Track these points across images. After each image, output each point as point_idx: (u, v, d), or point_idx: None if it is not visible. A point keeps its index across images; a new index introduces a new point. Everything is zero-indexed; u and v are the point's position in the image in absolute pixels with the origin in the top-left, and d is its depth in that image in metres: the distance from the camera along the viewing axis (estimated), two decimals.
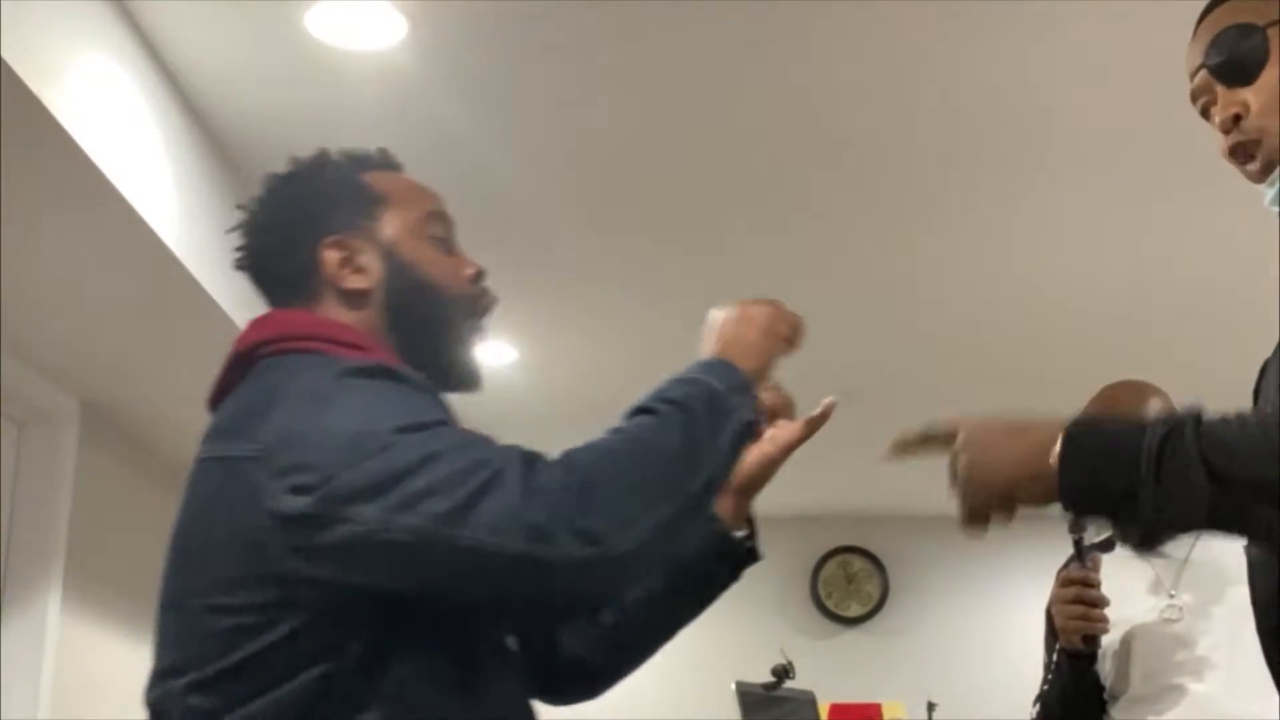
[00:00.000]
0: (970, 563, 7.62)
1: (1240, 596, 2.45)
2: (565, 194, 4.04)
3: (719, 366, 1.50)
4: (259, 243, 1.64)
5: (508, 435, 1.42)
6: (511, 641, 1.55)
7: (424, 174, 1.82)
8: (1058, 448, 1.37)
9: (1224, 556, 2.52)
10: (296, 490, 1.36)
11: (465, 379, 1.63)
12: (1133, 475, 1.32)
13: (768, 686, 5.00)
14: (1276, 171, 1.50)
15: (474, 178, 3.70)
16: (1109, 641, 2.53)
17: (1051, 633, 2.64)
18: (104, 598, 4.45)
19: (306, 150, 1.69)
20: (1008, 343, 5.00)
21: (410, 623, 1.40)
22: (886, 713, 6.72)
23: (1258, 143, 1.50)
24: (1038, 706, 2.64)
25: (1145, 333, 4.97)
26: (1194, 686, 2.50)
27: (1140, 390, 2.66)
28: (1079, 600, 2.45)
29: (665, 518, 1.36)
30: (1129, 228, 4.33)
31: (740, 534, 1.73)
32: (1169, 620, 2.56)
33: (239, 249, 1.65)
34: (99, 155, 2.95)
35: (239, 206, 1.66)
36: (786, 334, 1.59)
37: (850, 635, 7.44)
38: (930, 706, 6.01)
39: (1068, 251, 4.50)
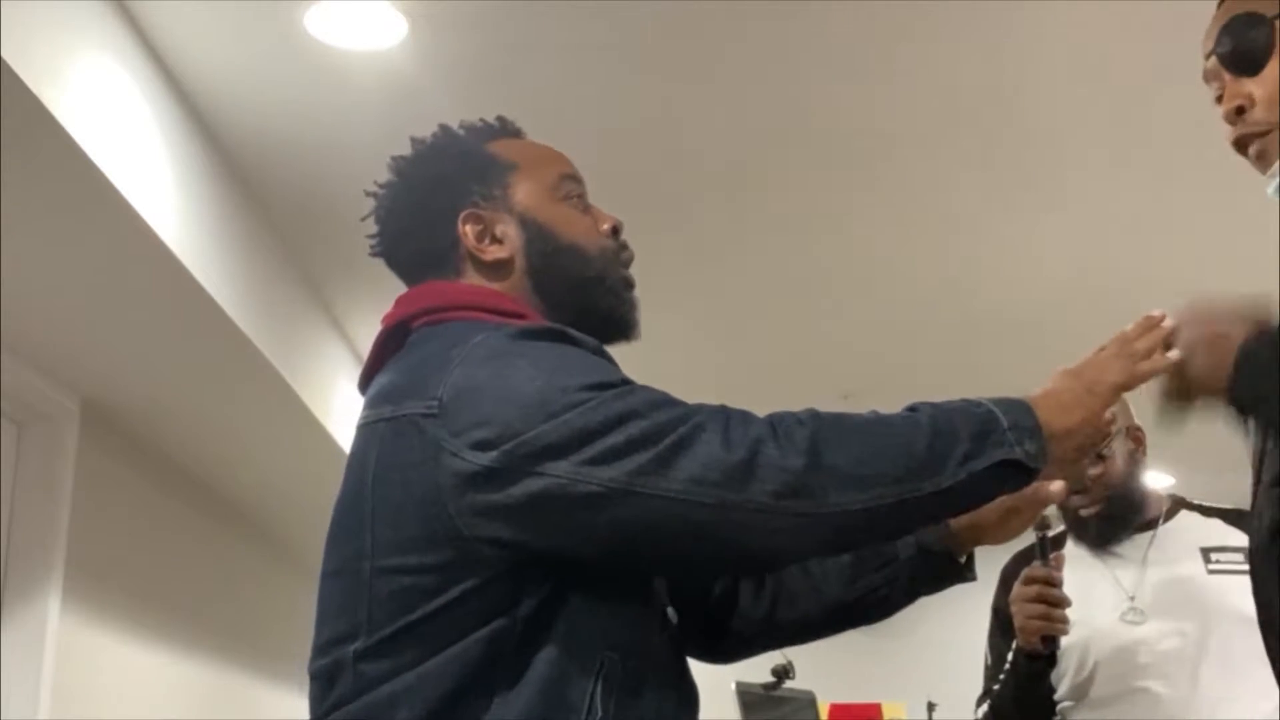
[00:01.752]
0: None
1: (1202, 600, 2.45)
2: None
3: (1016, 405, 1.45)
4: (395, 226, 1.62)
5: None
6: (671, 613, 1.54)
7: None
8: (1240, 344, 1.40)
9: (1181, 560, 2.52)
10: (478, 445, 1.34)
11: (621, 330, 1.63)
12: None
13: (768, 686, 5.00)
14: (1277, 164, 1.50)
15: None
16: (1069, 642, 2.47)
17: (1000, 631, 2.60)
18: (104, 598, 4.45)
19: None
20: (1008, 336, 5.00)
21: (579, 581, 1.38)
22: (886, 713, 6.72)
23: (1262, 135, 1.50)
24: (985, 707, 2.58)
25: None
26: (1159, 689, 2.45)
27: None
28: (1040, 599, 2.36)
29: (882, 501, 1.34)
30: (1130, 220, 4.34)
31: (961, 559, 1.72)
32: (1131, 623, 2.51)
33: (372, 236, 1.63)
34: (99, 155, 2.95)
35: (367, 193, 1.64)
36: (1115, 396, 1.52)
37: (850, 635, 7.36)
38: (930, 706, 6.02)
39: (1069, 243, 4.51)
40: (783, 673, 4.86)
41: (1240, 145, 1.53)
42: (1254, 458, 1.57)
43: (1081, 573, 2.51)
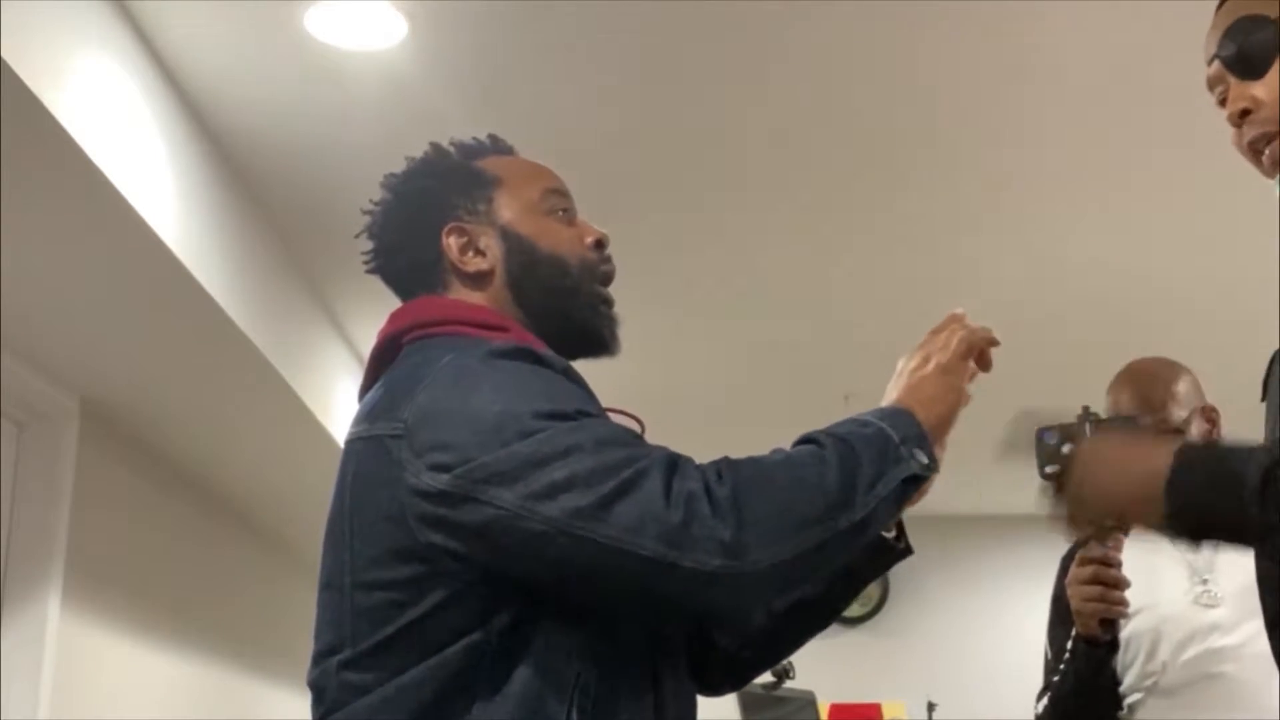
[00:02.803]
0: (970, 563, 7.63)
1: None
2: None
3: (898, 415, 1.49)
4: (385, 242, 1.68)
5: None
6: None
7: None
8: (1167, 475, 1.38)
9: None
10: (436, 468, 1.39)
11: (601, 343, 1.66)
12: (1236, 506, 1.34)
13: (768, 686, 5.01)
14: None
15: None
16: (1136, 629, 2.38)
17: (1059, 621, 2.50)
18: (104, 598, 4.45)
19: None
20: (1011, 337, 4.99)
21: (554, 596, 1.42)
22: (886, 713, 6.72)
23: (1271, 137, 1.50)
24: (1044, 701, 2.48)
25: (1164, 326, 4.93)
26: (1236, 675, 2.35)
27: (1171, 367, 2.57)
28: (1096, 580, 2.25)
29: (805, 547, 1.37)
30: (1136, 223, 4.34)
31: (889, 535, 1.71)
32: (1206, 606, 2.42)
33: (366, 253, 1.69)
34: (99, 155, 2.95)
35: (364, 211, 1.69)
36: (967, 367, 1.58)
37: (850, 635, 7.44)
38: (930, 706, 6.03)
39: (1073, 246, 4.51)
40: (783, 673, 4.86)
41: (1253, 149, 1.52)
42: None
43: (1149, 556, 2.39)
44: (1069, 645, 2.37)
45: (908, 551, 1.72)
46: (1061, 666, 2.41)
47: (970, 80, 3.52)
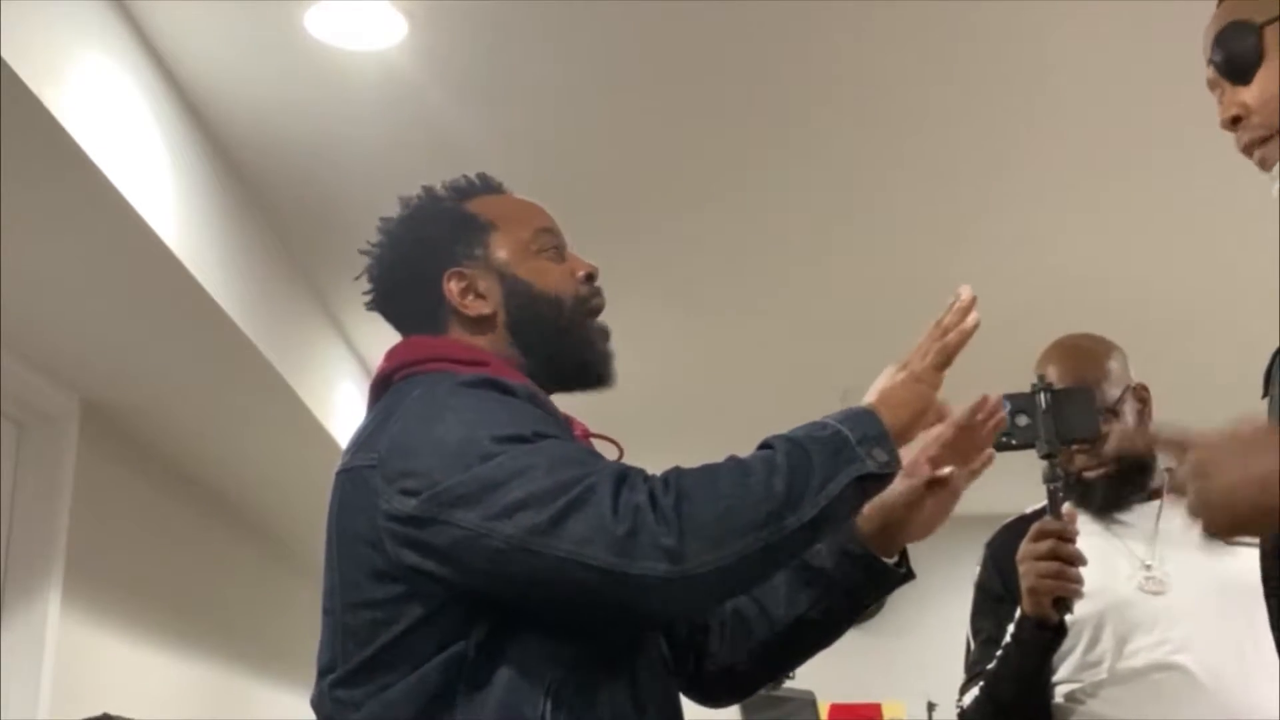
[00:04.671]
0: (970, 563, 7.62)
1: (1224, 571, 2.20)
2: (564, 195, 4.03)
3: (860, 416, 1.54)
4: (386, 285, 1.76)
5: None
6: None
7: (423, 175, 1.85)
8: None
9: (1196, 530, 2.33)
10: (405, 493, 1.48)
11: (597, 378, 1.73)
12: None
13: (768, 686, 5.01)
14: (1278, 166, 1.51)
15: None
16: (1081, 614, 2.23)
17: (987, 610, 2.42)
18: (104, 598, 4.45)
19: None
20: (1009, 335, 4.98)
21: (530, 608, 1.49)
22: (886, 713, 6.73)
23: (1265, 141, 1.51)
24: (974, 691, 2.35)
25: (1163, 328, 4.94)
26: (1190, 665, 2.26)
27: (1102, 343, 2.53)
28: (1054, 556, 2.12)
29: (750, 550, 1.42)
30: (1136, 222, 4.34)
31: (891, 560, 1.74)
32: (1152, 594, 2.31)
33: (368, 293, 1.76)
34: (99, 155, 2.95)
35: (361, 251, 1.76)
36: (939, 377, 1.61)
37: (850, 635, 7.37)
38: (930, 706, 6.03)
39: (1071, 245, 4.51)
40: None
41: (1249, 152, 1.53)
42: None
43: (1095, 539, 2.29)
44: (1011, 629, 2.26)
45: (909, 576, 1.77)
46: (1000, 652, 2.29)
47: (966, 80, 3.52)
